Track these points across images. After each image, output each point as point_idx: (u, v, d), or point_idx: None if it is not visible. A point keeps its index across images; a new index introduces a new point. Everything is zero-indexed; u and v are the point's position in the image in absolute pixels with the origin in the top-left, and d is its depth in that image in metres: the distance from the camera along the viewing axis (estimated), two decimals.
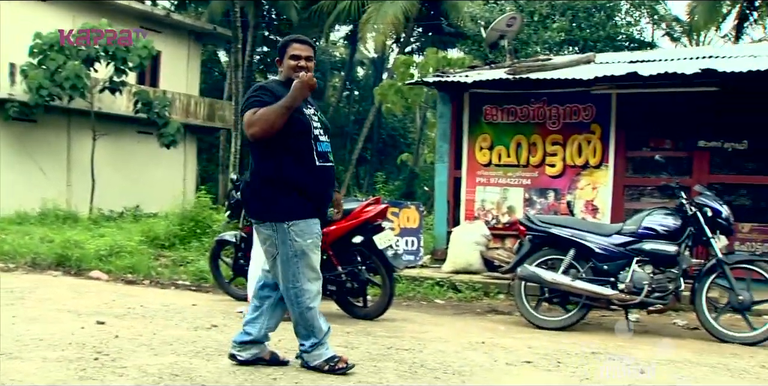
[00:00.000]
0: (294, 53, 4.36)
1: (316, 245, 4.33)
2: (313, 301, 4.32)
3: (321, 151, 4.34)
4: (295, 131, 4.24)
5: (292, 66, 4.34)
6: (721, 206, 6.19)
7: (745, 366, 5.04)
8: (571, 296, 6.33)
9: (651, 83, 8.25)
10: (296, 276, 4.28)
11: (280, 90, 4.25)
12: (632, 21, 24.70)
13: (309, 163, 4.27)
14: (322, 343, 4.40)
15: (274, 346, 5.09)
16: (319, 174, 4.32)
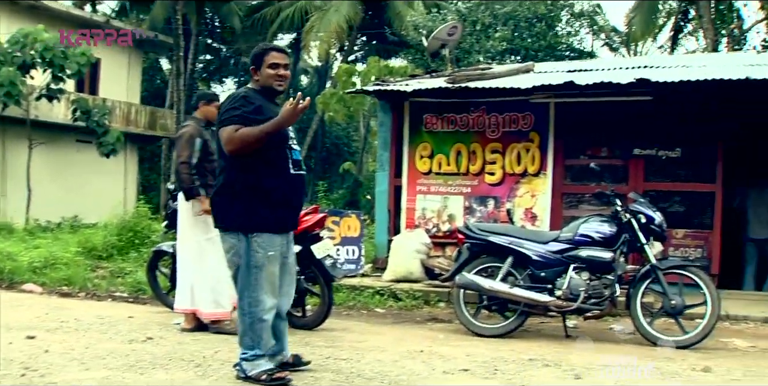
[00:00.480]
0: (273, 62, 4.39)
1: (275, 258, 4.36)
2: (266, 313, 4.34)
3: (295, 159, 4.41)
4: (274, 142, 4.29)
5: (272, 75, 4.37)
6: (654, 213, 6.31)
7: (677, 369, 5.13)
8: (510, 303, 6.37)
9: (588, 92, 8.39)
10: (254, 286, 4.32)
11: (259, 99, 4.33)
12: (572, 31, 25.03)
13: (284, 171, 4.35)
14: (264, 356, 4.39)
15: (211, 358, 5.06)
16: (293, 182, 4.40)
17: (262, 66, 4.40)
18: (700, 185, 8.69)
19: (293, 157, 4.39)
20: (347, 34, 25.33)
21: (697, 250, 8.64)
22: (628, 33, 25.50)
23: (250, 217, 4.29)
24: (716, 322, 6.06)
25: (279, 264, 4.39)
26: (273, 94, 4.47)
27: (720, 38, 21.68)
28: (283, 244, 4.41)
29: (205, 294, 6.11)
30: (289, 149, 4.38)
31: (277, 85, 4.38)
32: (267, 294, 4.33)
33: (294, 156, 4.40)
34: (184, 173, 6.06)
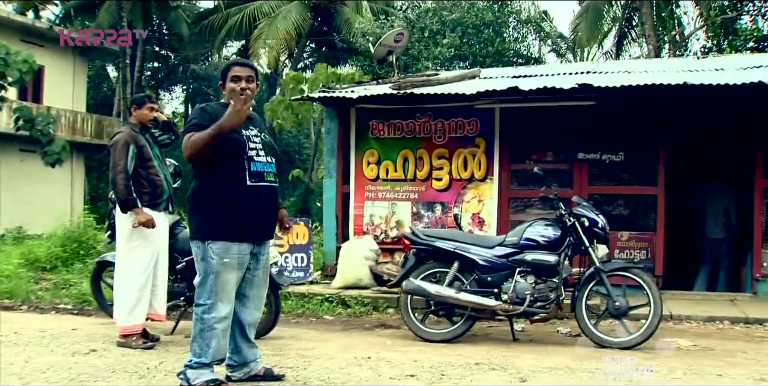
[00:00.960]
0: (234, 75, 4.47)
1: (232, 267, 4.36)
2: (218, 323, 4.34)
3: (255, 171, 4.41)
4: (229, 152, 4.34)
5: (233, 88, 4.43)
6: (597, 216, 6.39)
7: (620, 370, 5.15)
8: (457, 308, 6.39)
9: (532, 98, 8.50)
10: (207, 293, 4.35)
11: (219, 111, 4.35)
12: (520, 37, 25.31)
13: (240, 182, 4.36)
14: (210, 365, 4.39)
15: (155, 369, 4.98)
16: (250, 194, 4.38)
17: (226, 80, 4.51)
18: (643, 188, 8.86)
19: (252, 168, 4.40)
20: (296, 42, 25.28)
21: (641, 252, 8.80)
22: (574, 39, 25.85)
23: (207, 224, 4.36)
24: (659, 322, 6.14)
25: (238, 274, 4.40)
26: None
27: (662, 44, 22.09)
28: (245, 254, 4.41)
29: (124, 305, 5.94)
30: (249, 160, 4.40)
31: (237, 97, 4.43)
32: (220, 302, 4.33)
33: (254, 168, 4.41)
34: (120, 183, 5.84)
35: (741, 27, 20.25)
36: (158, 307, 6.11)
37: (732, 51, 19.39)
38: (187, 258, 6.43)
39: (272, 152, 4.57)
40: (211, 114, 4.37)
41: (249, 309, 4.60)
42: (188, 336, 6.29)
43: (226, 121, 4.18)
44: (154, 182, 6.03)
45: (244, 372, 4.63)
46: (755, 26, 20.36)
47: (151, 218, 5.85)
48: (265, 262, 4.63)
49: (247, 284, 4.55)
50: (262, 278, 4.62)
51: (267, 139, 4.59)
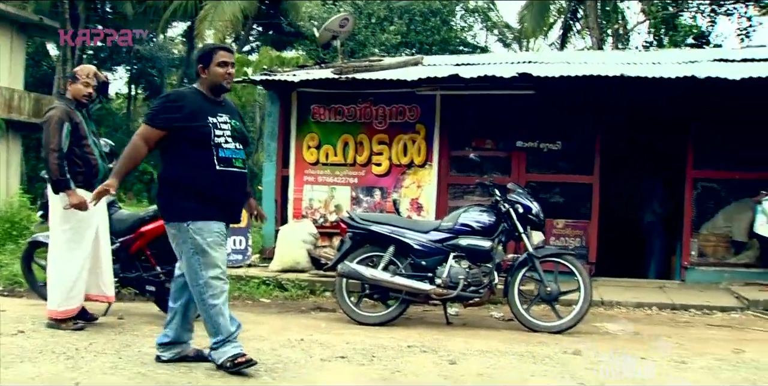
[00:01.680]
0: (222, 60, 4.50)
1: (217, 244, 4.40)
2: (216, 298, 4.38)
3: (223, 156, 4.43)
4: (192, 139, 4.38)
5: (222, 73, 4.49)
6: (531, 203, 6.48)
7: (549, 353, 5.29)
8: (391, 291, 6.43)
9: (473, 86, 8.57)
10: (198, 274, 4.37)
11: (191, 101, 4.43)
12: (466, 26, 25.48)
13: (208, 168, 4.38)
14: (229, 341, 4.42)
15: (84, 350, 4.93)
16: (219, 178, 4.41)
17: (210, 64, 4.49)
18: (579, 177, 9.03)
19: (220, 155, 4.42)
20: (242, 24, 25.01)
21: (576, 239, 8.97)
22: (521, 29, 26.13)
23: (183, 207, 4.40)
24: (589, 307, 6.29)
25: (222, 250, 4.46)
26: (220, 92, 4.58)
27: (605, 37, 22.44)
28: (224, 233, 4.48)
29: (57, 289, 5.75)
30: (217, 147, 4.41)
31: (226, 83, 4.54)
32: (212, 278, 4.37)
33: (222, 154, 4.43)
34: (53, 162, 5.58)
35: (681, 23, 20.70)
36: (105, 288, 5.95)
37: (672, 46, 19.81)
38: (122, 239, 6.36)
39: (242, 139, 4.58)
40: (181, 101, 4.40)
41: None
42: (121, 317, 6.29)
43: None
44: (89, 160, 5.83)
45: (175, 352, 4.63)
46: (694, 23, 20.82)
47: (84, 201, 5.58)
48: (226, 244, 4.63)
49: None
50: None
51: (237, 125, 4.58)
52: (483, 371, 4.67)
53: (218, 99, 4.59)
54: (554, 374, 4.64)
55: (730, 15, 20.83)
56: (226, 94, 4.69)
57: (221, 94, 4.61)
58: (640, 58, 10.35)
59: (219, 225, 4.43)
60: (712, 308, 7.52)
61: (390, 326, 6.39)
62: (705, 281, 8.77)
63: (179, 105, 4.40)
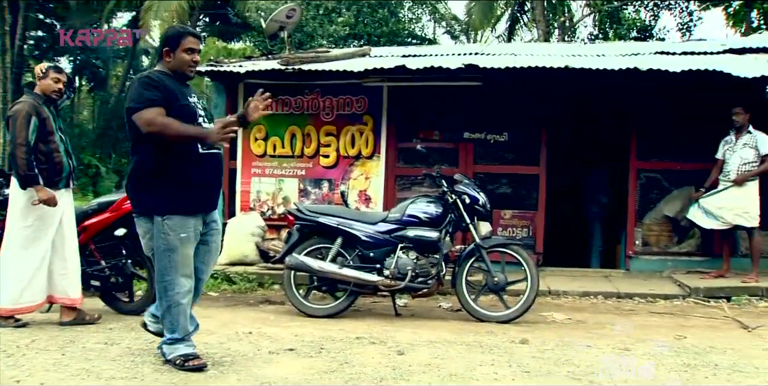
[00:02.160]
0: (189, 47, 4.38)
1: (189, 240, 4.32)
2: (183, 297, 4.31)
3: None
4: (183, 120, 4.25)
5: (187, 60, 4.37)
6: (478, 194, 6.53)
7: (497, 342, 5.35)
8: (340, 283, 6.43)
9: (420, 77, 8.59)
10: (167, 270, 4.30)
11: (168, 82, 4.29)
12: (414, 18, 25.49)
13: (193, 151, 4.28)
14: (183, 340, 4.37)
15: (26, 347, 4.83)
16: (203, 161, 4.33)
17: (177, 49, 4.37)
18: (526, 168, 9.11)
19: None
20: (189, 15, 24.63)
21: (523, 230, 9.06)
22: (468, 22, 26.20)
23: (159, 200, 4.28)
24: (536, 297, 6.36)
25: (193, 245, 4.36)
26: (184, 78, 4.46)
27: (552, 30, 22.67)
28: (199, 227, 4.38)
29: (9, 287, 5.61)
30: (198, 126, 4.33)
31: (189, 70, 4.43)
32: (182, 276, 4.30)
33: None
34: (20, 157, 5.46)
35: (625, 17, 21.05)
36: (70, 290, 5.78)
37: (617, 39, 20.13)
38: None
39: (212, 119, 4.51)
40: (160, 83, 4.25)
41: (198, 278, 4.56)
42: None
43: (206, 138, 4.23)
44: (53, 158, 5.69)
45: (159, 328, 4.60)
46: (638, 17, 21.20)
47: (53, 196, 5.54)
48: (215, 230, 4.59)
49: (202, 253, 4.51)
50: (215, 246, 4.63)
51: (204, 105, 4.52)
52: (431, 361, 4.69)
53: (185, 82, 4.50)
54: (501, 363, 4.68)
55: (672, 9, 21.27)
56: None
57: (185, 80, 4.49)
58: (585, 50, 10.46)
59: (195, 220, 4.34)
60: (655, 296, 7.67)
61: (339, 318, 6.38)
62: (649, 270, 8.94)
63: (163, 85, 4.26)
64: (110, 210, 6.15)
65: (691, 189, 8.69)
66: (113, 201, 6.19)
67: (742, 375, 4.47)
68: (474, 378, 4.30)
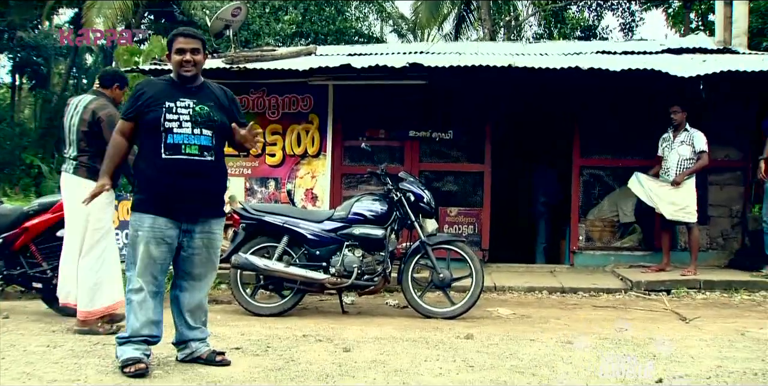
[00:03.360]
0: (178, 47, 4.29)
1: (146, 240, 4.20)
2: (133, 294, 4.25)
3: (171, 143, 4.19)
4: (145, 126, 4.24)
5: (178, 61, 4.29)
6: (423, 192, 6.58)
7: (442, 338, 5.39)
8: (286, 282, 6.42)
9: (366, 76, 8.60)
10: (127, 265, 4.29)
11: (158, 87, 4.30)
12: (361, 16, 25.55)
13: (154, 156, 4.20)
14: (130, 341, 4.26)
15: None
16: (164, 166, 4.18)
17: (171, 52, 4.34)
18: (470, 166, 9.23)
19: (168, 141, 4.18)
20: (133, 12, 24.27)
21: (469, 227, 9.16)
22: (415, 20, 26.33)
23: (134, 196, 4.35)
24: (481, 292, 6.43)
25: (159, 249, 4.22)
26: (184, 80, 4.34)
27: (498, 29, 22.91)
28: (162, 229, 4.22)
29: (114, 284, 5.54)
30: (167, 132, 4.18)
31: (183, 70, 4.29)
32: (135, 273, 4.22)
33: (171, 140, 4.18)
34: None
35: (569, 16, 21.38)
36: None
37: (561, 38, 20.43)
38: (4, 235, 6.13)
39: (207, 124, 4.26)
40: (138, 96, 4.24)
41: (185, 289, 4.44)
42: (6, 316, 6.07)
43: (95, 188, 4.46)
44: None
45: (186, 352, 4.48)
46: (582, 16, 21.55)
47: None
48: (206, 242, 4.38)
49: (184, 263, 4.39)
50: (200, 258, 4.39)
51: (204, 110, 4.27)
52: (376, 357, 4.72)
53: (188, 86, 4.33)
54: (446, 358, 4.73)
55: (615, 10, 21.67)
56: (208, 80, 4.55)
57: (188, 82, 4.34)
58: (529, 49, 10.62)
59: (155, 220, 4.20)
60: (598, 290, 7.82)
61: (286, 316, 6.39)
62: (592, 265, 9.12)
63: (140, 93, 4.25)
64: (52, 211, 6.06)
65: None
66: (55, 202, 6.09)
67: (679, 364, 4.59)
68: (419, 373, 4.34)
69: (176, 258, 4.39)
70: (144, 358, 4.25)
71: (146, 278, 4.25)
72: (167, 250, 4.27)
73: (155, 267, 4.26)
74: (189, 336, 4.48)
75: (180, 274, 4.45)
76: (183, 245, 4.34)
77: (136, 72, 9.12)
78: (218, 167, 4.40)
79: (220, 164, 4.41)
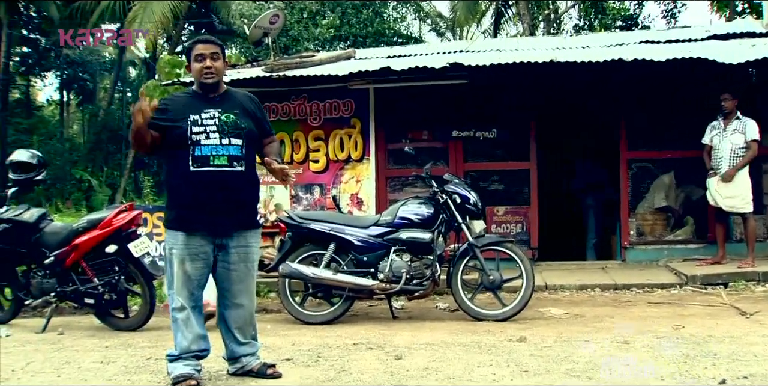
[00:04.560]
0: (197, 53, 4.20)
1: (181, 258, 4.14)
2: (177, 313, 4.22)
3: (199, 155, 4.09)
4: (171, 141, 4.14)
5: (199, 68, 4.19)
6: (468, 193, 6.50)
7: (495, 342, 5.30)
8: (335, 289, 6.40)
9: (406, 77, 8.56)
10: (168, 283, 4.24)
11: (178, 101, 4.25)
12: (399, 17, 25.46)
13: (182, 169, 4.10)
14: (180, 358, 4.25)
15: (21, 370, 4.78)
16: (193, 179, 4.09)
17: (190, 61, 4.24)
18: (516, 164, 9.11)
19: (196, 153, 4.08)
20: (173, 24, 24.55)
21: (517, 226, 9.04)
22: (453, 18, 26.18)
23: (166, 212, 4.28)
24: (532, 293, 6.33)
25: (194, 266, 4.16)
26: (206, 89, 4.26)
27: (537, 23, 22.64)
28: (196, 246, 4.15)
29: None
30: (194, 144, 4.08)
31: (204, 78, 4.19)
32: (176, 292, 4.19)
33: (199, 152, 4.08)
34: None
35: (609, 6, 21.03)
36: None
37: (602, 29, 20.10)
38: (56, 252, 6.22)
39: (234, 134, 4.15)
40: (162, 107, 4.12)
41: (229, 307, 4.36)
42: (61, 332, 6.14)
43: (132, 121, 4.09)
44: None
45: (237, 366, 4.43)
46: (623, 6, 21.17)
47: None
48: (243, 256, 4.28)
49: (222, 279, 4.32)
50: (238, 274, 4.30)
51: (230, 119, 4.17)
52: (429, 364, 4.66)
53: (211, 95, 4.25)
54: (499, 363, 4.65)
55: None
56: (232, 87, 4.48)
57: (210, 91, 4.25)
58: (570, 42, 10.45)
59: (188, 238, 4.13)
60: (652, 286, 7.66)
61: (336, 324, 6.36)
62: (645, 260, 8.93)
63: (163, 108, 4.13)
64: (100, 227, 6.13)
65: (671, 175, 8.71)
66: (103, 218, 6.17)
67: (742, 363, 4.44)
68: (472, 379, 4.27)
69: (214, 274, 4.33)
70: (195, 374, 4.23)
71: (184, 295, 4.21)
72: (203, 266, 4.22)
73: (191, 284, 4.21)
74: (240, 352, 4.43)
75: (221, 291, 4.38)
76: (218, 259, 4.26)
77: (177, 85, 9.17)
78: (249, 177, 4.30)
79: (251, 173, 4.31)
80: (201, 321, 4.31)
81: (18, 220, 6.44)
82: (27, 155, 6.74)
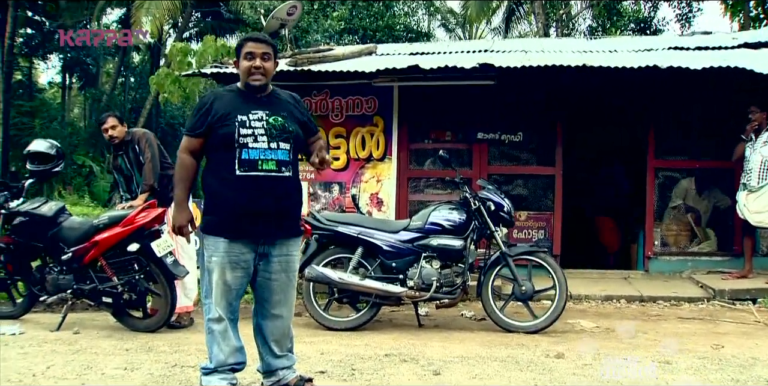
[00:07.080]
0: (247, 51, 3.97)
1: (221, 266, 3.92)
2: (214, 324, 3.99)
3: (246, 159, 3.87)
4: (217, 143, 3.91)
5: (247, 67, 3.96)
6: (503, 200, 6.28)
7: (532, 357, 5.11)
8: (361, 295, 6.19)
9: (431, 76, 8.31)
10: (206, 292, 4.02)
11: (226, 99, 3.98)
12: (410, 11, 25.28)
13: (227, 173, 3.87)
14: (216, 371, 4.02)
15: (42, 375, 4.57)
16: (240, 184, 3.86)
17: (240, 58, 4.01)
18: (541, 168, 8.91)
19: (242, 156, 3.87)
20: (181, 11, 24.28)
21: (539, 231, 8.86)
22: (464, 15, 25.98)
23: (204, 216, 4.00)
24: (564, 306, 6.13)
25: (234, 275, 3.94)
26: (254, 90, 4.01)
27: (550, 23, 22.45)
28: (238, 254, 3.93)
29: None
30: (241, 147, 3.87)
31: (252, 79, 3.96)
32: (213, 302, 3.96)
33: (246, 155, 3.87)
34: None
35: (624, 9, 20.85)
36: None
37: (616, 31, 19.93)
38: (74, 249, 6.00)
39: (283, 138, 3.94)
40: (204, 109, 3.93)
41: (267, 318, 4.13)
42: (77, 331, 5.93)
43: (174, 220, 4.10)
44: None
45: (273, 380, 4.17)
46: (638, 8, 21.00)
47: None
48: (284, 266, 4.06)
49: (262, 289, 4.09)
50: (279, 284, 4.08)
51: (278, 122, 3.95)
52: (470, 382, 4.46)
53: (258, 95, 4.02)
54: (543, 382, 4.46)
55: (671, 0, 21.06)
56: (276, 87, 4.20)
57: (257, 91, 4.01)
58: (594, 45, 10.27)
59: (230, 245, 3.91)
60: (679, 299, 7.50)
61: (361, 330, 6.16)
62: (668, 271, 8.77)
63: (207, 108, 3.93)
64: (122, 224, 5.89)
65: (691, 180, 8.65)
66: (125, 215, 5.93)
67: None
68: None
69: (253, 283, 4.10)
70: None
71: (223, 306, 3.99)
72: (243, 275, 3.99)
73: (230, 294, 3.99)
74: (276, 366, 4.19)
75: (259, 301, 4.15)
76: (258, 269, 4.03)
77: (196, 75, 8.93)
78: (296, 183, 4.09)
79: (297, 179, 4.09)
80: (237, 332, 4.09)
81: (35, 213, 6.22)
82: (45, 145, 6.50)
